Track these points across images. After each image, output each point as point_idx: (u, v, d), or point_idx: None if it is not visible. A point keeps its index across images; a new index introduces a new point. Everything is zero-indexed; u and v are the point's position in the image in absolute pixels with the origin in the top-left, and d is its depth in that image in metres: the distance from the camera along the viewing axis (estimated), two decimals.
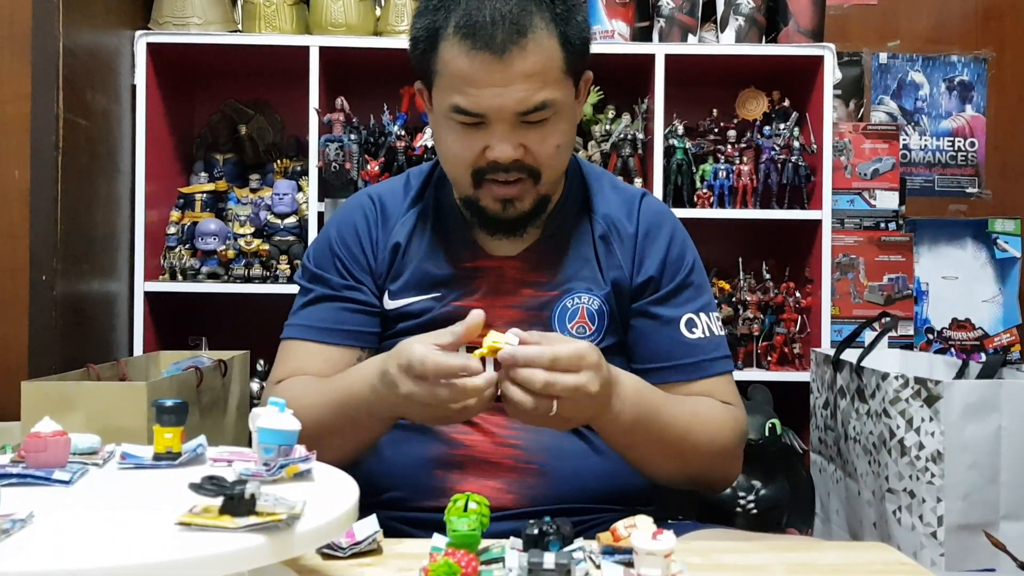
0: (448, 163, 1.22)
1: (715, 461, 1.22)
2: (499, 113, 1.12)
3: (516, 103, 1.12)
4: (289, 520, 0.70)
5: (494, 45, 1.09)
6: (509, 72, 1.10)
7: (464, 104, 1.13)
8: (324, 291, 1.29)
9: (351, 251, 1.29)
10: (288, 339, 1.30)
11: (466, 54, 1.10)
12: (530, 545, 0.84)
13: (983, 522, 1.67)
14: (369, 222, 1.30)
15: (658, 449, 1.16)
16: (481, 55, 1.10)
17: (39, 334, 1.99)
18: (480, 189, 1.19)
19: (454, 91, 1.13)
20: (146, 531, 0.70)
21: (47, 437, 0.86)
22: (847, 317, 2.57)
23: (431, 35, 1.15)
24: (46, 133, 2.00)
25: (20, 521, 0.70)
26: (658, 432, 1.15)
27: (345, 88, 2.49)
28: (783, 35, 2.50)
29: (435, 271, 1.26)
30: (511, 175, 1.17)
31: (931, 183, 2.82)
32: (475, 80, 1.11)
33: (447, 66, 1.13)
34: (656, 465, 1.19)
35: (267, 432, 0.86)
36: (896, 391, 1.74)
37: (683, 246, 1.30)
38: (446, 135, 1.18)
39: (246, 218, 2.46)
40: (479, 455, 1.20)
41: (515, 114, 1.13)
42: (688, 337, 1.25)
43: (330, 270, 1.29)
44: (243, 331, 2.51)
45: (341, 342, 1.26)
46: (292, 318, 1.31)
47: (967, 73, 2.82)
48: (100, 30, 2.24)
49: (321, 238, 1.34)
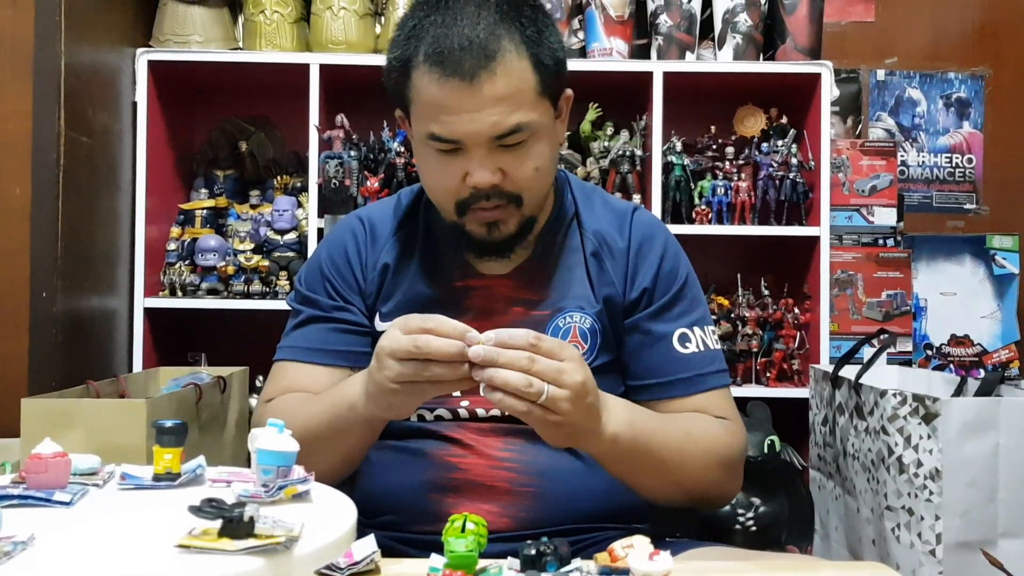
0: (431, 191, 1.24)
1: (712, 478, 1.21)
2: (474, 139, 1.12)
3: (489, 127, 1.12)
4: (287, 543, 0.71)
5: (463, 71, 1.09)
6: (480, 97, 1.10)
7: (439, 131, 1.13)
8: (314, 312, 1.29)
9: (340, 272, 1.30)
10: (280, 360, 1.31)
11: (436, 82, 1.11)
12: (527, 566, 0.84)
13: (981, 540, 1.67)
14: (359, 243, 1.31)
15: (655, 472, 1.16)
16: (451, 82, 1.10)
17: (39, 350, 1.99)
18: (464, 216, 1.20)
19: (428, 119, 1.14)
20: (146, 553, 0.71)
21: (48, 458, 0.86)
22: (846, 333, 2.58)
23: (403, 65, 1.15)
24: (47, 150, 2.01)
25: (21, 543, 0.71)
26: (653, 455, 1.14)
27: (345, 105, 2.50)
28: (780, 52, 2.52)
29: (425, 291, 1.26)
30: (492, 202, 1.17)
31: (929, 199, 2.83)
32: (447, 107, 1.11)
33: (420, 94, 1.14)
34: (654, 488, 1.19)
35: (266, 453, 0.87)
36: (894, 408, 1.74)
37: (676, 259, 1.30)
38: (426, 163, 1.20)
39: (246, 234, 2.47)
40: (474, 478, 1.19)
41: (489, 139, 1.13)
42: (681, 352, 1.24)
43: (320, 292, 1.30)
44: (242, 347, 2.51)
45: (330, 362, 1.27)
46: (284, 340, 1.32)
47: (964, 90, 2.84)
48: (101, 48, 2.25)
49: (312, 260, 1.35)
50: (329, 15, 2.45)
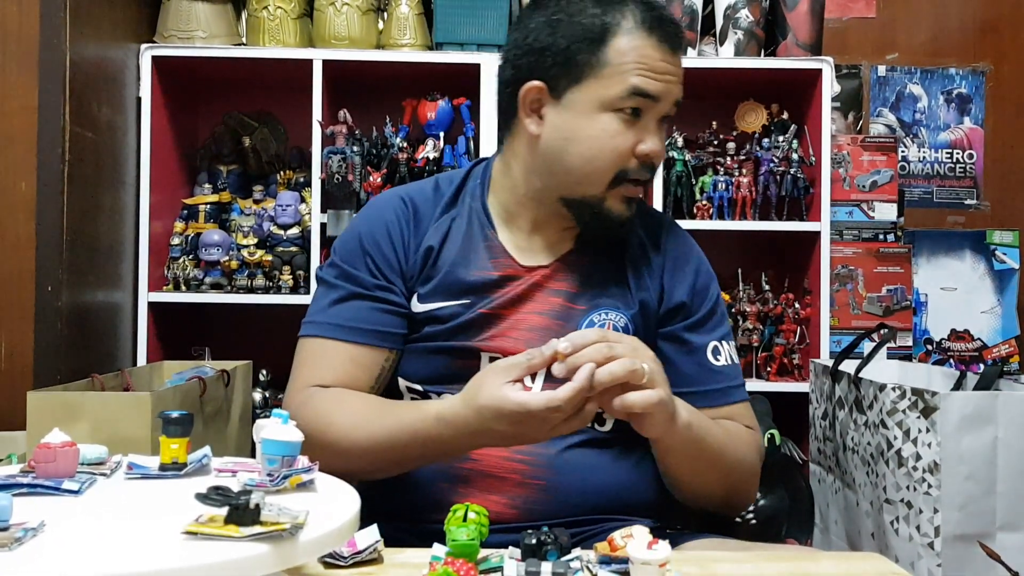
0: (591, 159, 1.22)
1: (743, 480, 1.28)
2: (667, 98, 1.22)
3: (678, 93, 1.24)
4: (293, 529, 0.72)
5: (673, 41, 1.23)
6: (676, 67, 1.23)
7: (646, 86, 1.19)
8: (355, 289, 1.27)
9: (382, 250, 1.28)
10: (313, 337, 1.27)
11: (652, 44, 1.20)
12: (528, 555, 0.85)
13: (979, 532, 1.68)
14: (401, 223, 1.30)
15: (710, 465, 1.21)
16: (663, 47, 1.21)
17: (44, 344, 2.01)
18: (612, 190, 1.23)
19: (632, 75, 1.20)
20: (154, 540, 0.72)
21: (56, 448, 0.88)
22: (846, 328, 2.58)
23: (602, 29, 1.21)
24: (52, 145, 2.03)
25: (32, 530, 0.72)
26: (711, 447, 1.20)
27: (348, 100, 2.51)
28: (782, 48, 2.52)
29: (465, 278, 1.26)
30: (644, 176, 1.24)
31: (929, 195, 2.84)
32: (656, 68, 1.20)
33: (625, 54, 1.20)
34: (707, 482, 1.24)
35: (271, 443, 0.88)
36: (893, 402, 1.75)
37: (708, 276, 1.35)
38: (600, 129, 1.21)
39: (249, 229, 2.48)
40: (485, 469, 1.20)
41: (673, 104, 1.24)
42: (714, 363, 1.29)
43: (361, 268, 1.27)
44: (246, 341, 2.54)
45: (371, 343, 1.25)
46: (318, 315, 1.28)
47: (965, 86, 2.84)
48: (106, 43, 2.26)
49: (349, 235, 1.32)
50: (332, 11, 2.45)
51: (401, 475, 1.22)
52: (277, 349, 2.53)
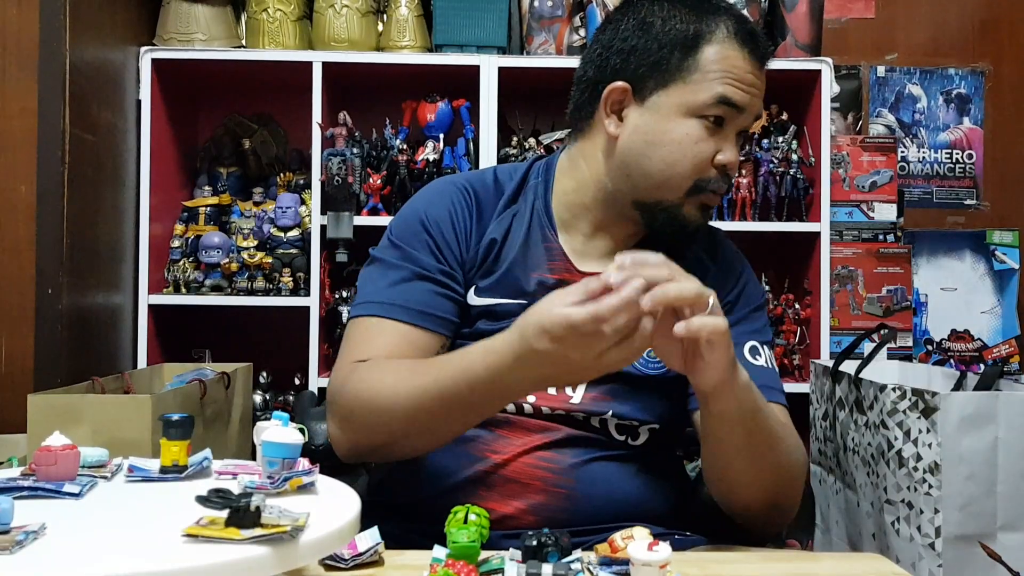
0: (672, 164, 1.21)
1: (794, 479, 1.19)
2: (750, 110, 1.23)
3: (760, 107, 1.25)
4: (293, 532, 0.72)
5: (762, 55, 1.24)
6: (761, 80, 1.24)
7: (733, 96, 1.20)
8: (418, 270, 1.22)
9: (444, 236, 1.24)
10: (368, 316, 1.21)
11: (743, 56, 1.21)
12: (529, 556, 0.85)
13: (980, 533, 1.68)
14: (464, 211, 1.26)
15: (761, 448, 1.12)
16: (751, 60, 1.22)
17: (45, 347, 2.01)
18: (693, 196, 1.23)
19: (721, 84, 1.20)
20: (154, 542, 0.72)
21: (57, 451, 0.88)
22: (846, 328, 2.58)
23: (695, 36, 1.21)
24: (52, 147, 2.03)
25: (33, 533, 0.72)
26: (764, 424, 1.11)
27: (348, 102, 2.51)
28: (781, 49, 2.52)
29: (523, 278, 1.24)
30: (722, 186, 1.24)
31: (929, 195, 2.84)
32: (744, 79, 1.21)
33: (715, 63, 1.20)
34: (756, 469, 1.13)
35: (271, 445, 0.88)
36: (893, 402, 1.75)
37: (756, 285, 1.35)
38: (682, 135, 1.21)
39: (249, 231, 2.48)
40: (509, 474, 1.18)
41: (754, 117, 1.24)
42: (752, 362, 1.24)
43: (423, 251, 1.24)
44: (246, 344, 2.54)
45: (432, 327, 1.20)
46: (376, 295, 1.22)
47: (964, 86, 2.84)
48: (106, 46, 2.26)
49: (409, 217, 1.27)
50: (332, 13, 2.46)
51: (421, 477, 1.20)
52: (277, 351, 2.56)
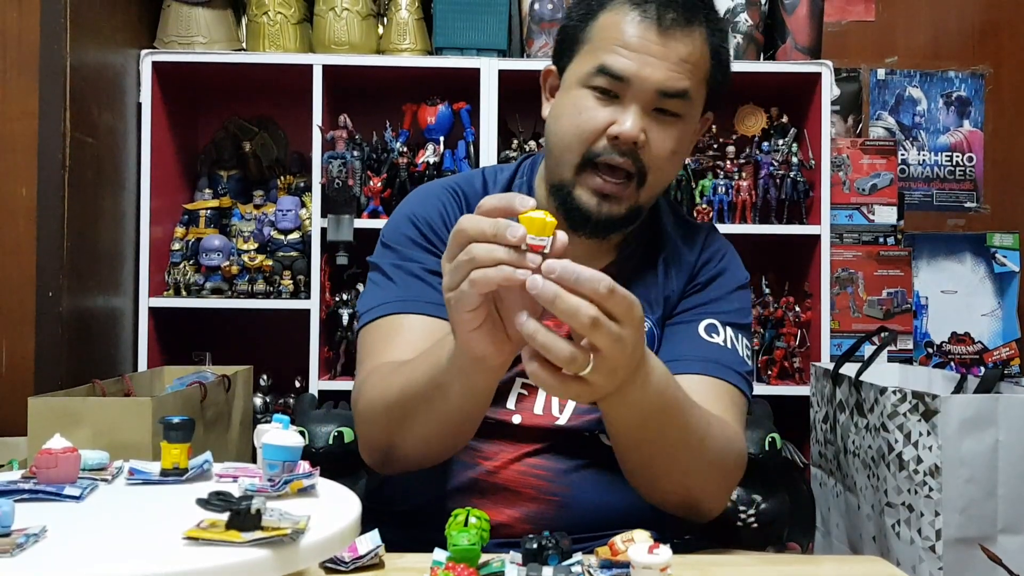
0: (562, 136, 1.16)
1: (715, 480, 1.13)
2: (643, 84, 1.11)
3: (662, 79, 1.11)
4: (294, 535, 0.72)
5: (662, 20, 1.11)
6: (666, 49, 1.11)
7: (612, 64, 1.11)
8: (418, 270, 1.21)
9: (437, 234, 1.23)
10: (380, 318, 1.18)
11: (632, 21, 1.12)
12: (529, 559, 0.85)
13: (980, 536, 1.68)
14: (455, 210, 1.25)
15: (672, 449, 1.05)
16: (646, 23, 1.11)
17: (45, 349, 2.01)
18: (581, 175, 1.15)
19: (605, 52, 1.12)
20: (155, 545, 0.72)
21: (58, 453, 0.88)
22: (846, 331, 2.59)
23: (596, 6, 1.15)
24: (53, 150, 2.03)
25: (33, 536, 0.72)
26: (677, 429, 1.03)
27: (348, 105, 2.51)
28: (781, 52, 2.53)
29: None
30: (625, 160, 1.12)
31: (929, 198, 2.84)
32: (631, 44, 1.12)
33: (604, 31, 1.14)
34: (662, 469, 1.08)
35: (272, 448, 0.88)
36: (894, 405, 1.75)
37: (737, 270, 1.29)
38: (572, 104, 1.15)
39: (250, 234, 2.48)
40: (501, 482, 1.17)
41: (655, 93, 1.12)
42: (705, 338, 1.19)
43: (418, 250, 1.22)
44: (247, 346, 2.54)
45: (445, 316, 1.13)
46: (381, 298, 1.20)
47: (965, 89, 2.85)
48: (106, 49, 2.27)
49: (400, 223, 1.26)
50: (332, 16, 2.46)
51: (414, 484, 1.19)
52: (278, 354, 2.56)
